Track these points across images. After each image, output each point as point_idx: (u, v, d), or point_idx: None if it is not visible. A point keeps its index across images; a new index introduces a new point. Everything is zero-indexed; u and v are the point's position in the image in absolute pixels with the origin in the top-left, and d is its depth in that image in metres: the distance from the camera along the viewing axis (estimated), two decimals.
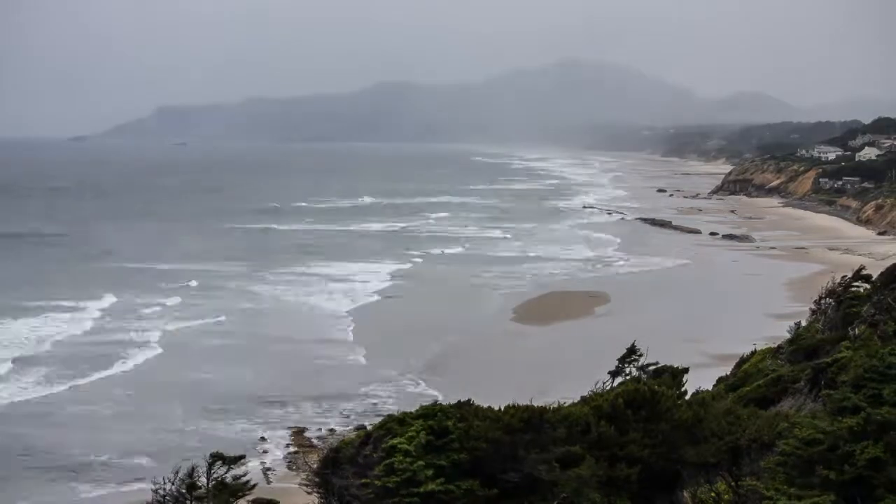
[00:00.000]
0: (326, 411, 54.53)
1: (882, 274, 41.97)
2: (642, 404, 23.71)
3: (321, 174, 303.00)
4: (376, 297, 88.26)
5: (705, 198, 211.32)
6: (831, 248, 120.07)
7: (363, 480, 20.96)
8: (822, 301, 40.67)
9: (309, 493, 23.73)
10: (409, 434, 21.23)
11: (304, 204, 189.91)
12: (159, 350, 67.01)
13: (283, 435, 50.45)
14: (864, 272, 41.47)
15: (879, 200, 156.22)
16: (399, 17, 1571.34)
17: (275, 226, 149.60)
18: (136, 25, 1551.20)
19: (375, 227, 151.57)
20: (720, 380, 38.36)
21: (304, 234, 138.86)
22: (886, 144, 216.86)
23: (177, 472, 21.94)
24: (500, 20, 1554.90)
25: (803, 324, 41.67)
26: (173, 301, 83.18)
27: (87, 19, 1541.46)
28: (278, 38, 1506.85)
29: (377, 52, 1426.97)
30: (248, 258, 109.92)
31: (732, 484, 20.94)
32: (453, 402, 23.47)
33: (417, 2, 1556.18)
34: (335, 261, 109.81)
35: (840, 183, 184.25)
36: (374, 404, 54.82)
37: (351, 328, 75.19)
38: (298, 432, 50.59)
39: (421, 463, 20.50)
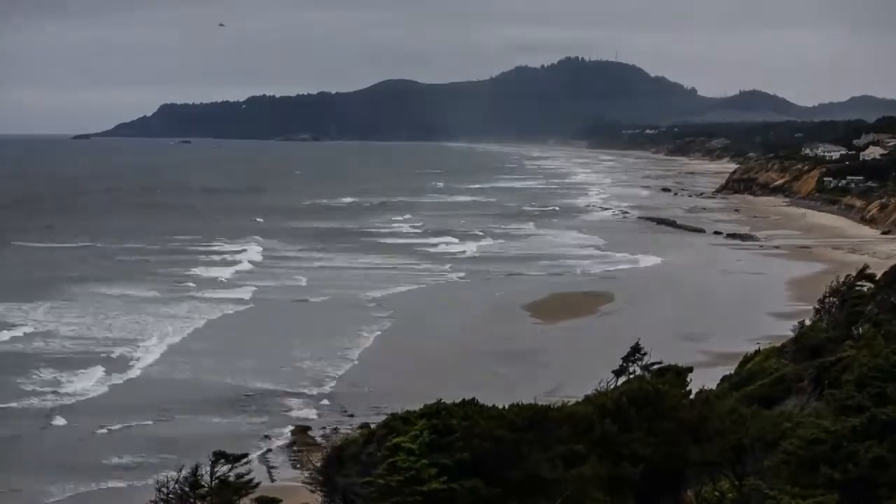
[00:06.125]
0: (330, 409, 54.51)
1: (886, 273, 41.99)
2: (646, 403, 23.73)
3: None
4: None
5: (709, 197, 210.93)
6: (835, 248, 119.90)
7: (366, 479, 20.97)
8: (826, 300, 40.66)
9: (312, 492, 23.76)
10: (413, 433, 21.24)
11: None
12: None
13: (287, 433, 50.37)
14: (867, 271, 41.47)
15: (884, 199, 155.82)
16: (402, 16, 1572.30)
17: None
18: (136, 24, 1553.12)
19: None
20: (724, 379, 38.34)
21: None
22: (891, 144, 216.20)
23: (180, 471, 21.97)
24: (502, 20, 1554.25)
25: (807, 323, 41.64)
26: None
27: (88, 18, 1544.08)
28: (281, 37, 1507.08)
29: (380, 50, 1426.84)
30: None
31: (736, 483, 20.93)
32: (457, 400, 23.47)
33: (420, 1, 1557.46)
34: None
35: (844, 182, 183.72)
36: (377, 405, 54.55)
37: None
38: (302, 431, 50.51)
39: (424, 461, 20.49)
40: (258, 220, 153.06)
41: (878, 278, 41.43)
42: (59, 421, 51.74)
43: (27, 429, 50.63)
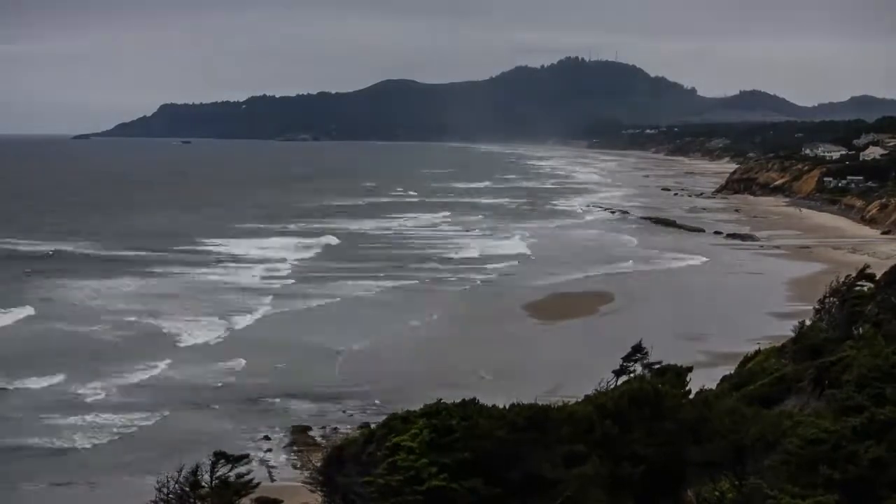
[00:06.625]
0: (329, 409, 54.50)
1: (886, 273, 41.98)
2: (646, 403, 23.72)
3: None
4: None
5: (709, 197, 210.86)
6: (835, 248, 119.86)
7: (367, 478, 20.97)
8: (826, 300, 40.60)
9: (313, 492, 23.77)
10: (413, 432, 21.23)
11: None
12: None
13: (287, 433, 50.34)
14: (867, 271, 41.43)
15: (884, 199, 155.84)
16: (402, 16, 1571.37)
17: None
18: (137, 26, 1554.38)
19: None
20: (724, 379, 38.32)
21: None
22: (891, 144, 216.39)
23: (180, 471, 21.98)
24: (502, 20, 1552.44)
25: (807, 323, 41.60)
26: None
27: (90, 17, 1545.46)
28: (281, 37, 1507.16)
29: (381, 50, 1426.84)
30: None
31: (736, 483, 20.93)
32: (457, 399, 23.46)
33: (420, 1, 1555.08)
34: None
35: (844, 182, 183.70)
36: (377, 402, 54.61)
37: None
38: (302, 431, 50.48)
39: (425, 461, 20.48)
40: None
41: (878, 278, 41.42)
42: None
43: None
